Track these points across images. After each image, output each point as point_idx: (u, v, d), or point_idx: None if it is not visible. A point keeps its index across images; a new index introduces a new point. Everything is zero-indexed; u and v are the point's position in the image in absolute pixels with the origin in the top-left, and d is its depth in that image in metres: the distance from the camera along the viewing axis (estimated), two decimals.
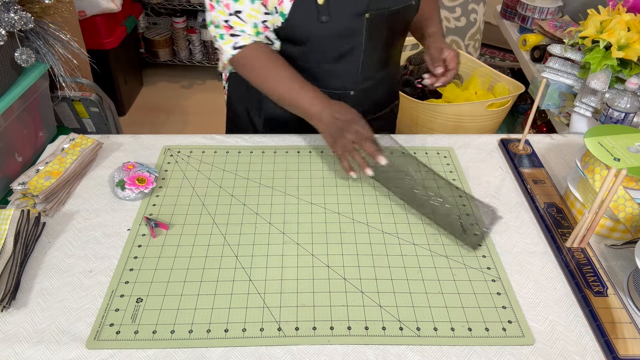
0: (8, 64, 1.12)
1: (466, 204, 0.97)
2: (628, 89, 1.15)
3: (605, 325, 0.75)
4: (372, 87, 1.16)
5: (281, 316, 0.76)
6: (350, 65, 1.09)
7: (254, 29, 1.03)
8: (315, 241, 0.89)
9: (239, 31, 1.02)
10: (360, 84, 1.13)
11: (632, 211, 0.86)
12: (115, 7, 2.44)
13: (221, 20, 1.02)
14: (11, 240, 0.81)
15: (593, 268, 0.84)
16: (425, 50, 1.14)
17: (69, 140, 1.06)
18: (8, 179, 1.10)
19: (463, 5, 1.89)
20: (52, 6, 1.19)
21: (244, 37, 1.03)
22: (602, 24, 1.30)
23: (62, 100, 1.67)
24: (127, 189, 0.96)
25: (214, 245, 0.88)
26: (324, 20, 1.00)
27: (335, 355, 0.72)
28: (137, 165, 1.00)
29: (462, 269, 0.84)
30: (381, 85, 1.19)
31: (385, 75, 1.18)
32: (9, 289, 0.77)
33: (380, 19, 1.04)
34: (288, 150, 1.10)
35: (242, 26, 1.02)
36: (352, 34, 1.04)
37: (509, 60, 2.95)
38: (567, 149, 1.15)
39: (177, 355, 0.72)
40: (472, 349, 0.73)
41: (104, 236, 0.90)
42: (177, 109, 2.92)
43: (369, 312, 0.77)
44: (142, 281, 0.82)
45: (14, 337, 0.73)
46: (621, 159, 0.86)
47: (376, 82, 1.16)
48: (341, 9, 1.00)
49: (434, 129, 1.64)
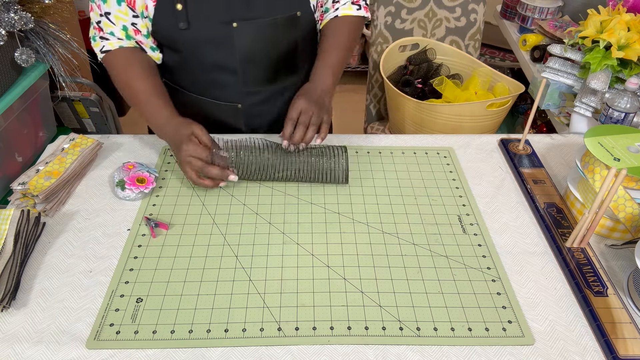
0: (8, 64, 1.12)
1: (466, 203, 0.97)
2: (628, 89, 1.15)
3: (605, 325, 0.75)
4: (261, 101, 1.13)
5: (281, 316, 0.76)
6: (229, 76, 1.07)
7: (122, 31, 1.02)
8: (315, 241, 0.89)
9: (108, 34, 1.02)
10: (246, 97, 1.11)
11: (632, 211, 0.86)
12: None
13: (95, 22, 1.02)
14: (11, 240, 0.81)
15: (593, 268, 0.84)
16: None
17: (69, 140, 1.06)
18: (8, 179, 1.10)
19: (463, 5, 1.89)
20: (52, 6, 1.19)
21: (112, 41, 1.03)
22: (602, 24, 1.30)
23: (62, 100, 1.67)
24: (127, 189, 0.95)
25: (214, 245, 0.88)
26: (182, 27, 0.98)
27: (335, 355, 0.72)
28: (137, 165, 1.00)
29: (462, 269, 0.84)
30: (275, 100, 1.14)
31: (280, 90, 1.13)
32: (9, 289, 0.77)
33: (253, 29, 1.00)
34: None
35: (111, 28, 1.01)
36: (220, 43, 1.01)
37: (509, 60, 2.95)
38: (567, 149, 1.15)
39: (177, 355, 0.72)
40: (472, 349, 0.73)
41: (104, 236, 0.90)
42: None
43: (369, 312, 0.77)
44: (142, 281, 0.81)
45: (14, 337, 0.73)
46: (621, 159, 0.86)
47: (267, 96, 1.12)
48: (201, 16, 0.98)
49: (434, 129, 1.64)
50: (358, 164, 1.07)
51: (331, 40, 1.09)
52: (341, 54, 1.08)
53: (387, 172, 1.05)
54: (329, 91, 1.05)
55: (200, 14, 0.98)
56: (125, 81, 1.03)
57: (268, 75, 1.09)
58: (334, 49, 1.08)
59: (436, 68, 1.82)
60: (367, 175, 1.04)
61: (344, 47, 1.09)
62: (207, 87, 1.10)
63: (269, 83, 1.11)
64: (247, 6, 0.98)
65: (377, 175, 1.04)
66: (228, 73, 1.06)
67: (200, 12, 0.97)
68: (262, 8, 0.99)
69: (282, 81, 1.12)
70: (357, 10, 1.12)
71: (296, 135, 0.97)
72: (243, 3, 0.98)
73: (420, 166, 1.07)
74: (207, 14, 0.98)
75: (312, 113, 0.98)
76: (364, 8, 1.14)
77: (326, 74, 1.05)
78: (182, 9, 0.96)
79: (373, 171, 1.05)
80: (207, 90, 1.11)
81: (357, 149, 1.12)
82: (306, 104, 0.98)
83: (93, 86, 1.75)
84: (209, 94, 1.11)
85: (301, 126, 0.97)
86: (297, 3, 1.02)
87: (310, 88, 1.03)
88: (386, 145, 1.13)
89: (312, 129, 0.98)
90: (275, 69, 1.09)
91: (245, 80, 1.08)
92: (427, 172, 1.05)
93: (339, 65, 1.08)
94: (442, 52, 1.85)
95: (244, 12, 0.99)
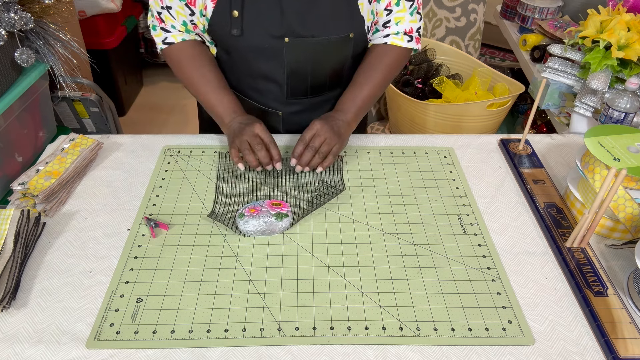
0: (8, 64, 1.12)
1: (466, 203, 0.97)
2: (628, 89, 1.15)
3: (605, 325, 0.75)
4: (302, 110, 1.14)
5: (281, 316, 0.76)
6: (274, 86, 1.08)
7: (183, 26, 1.04)
8: (315, 241, 0.89)
9: (170, 27, 1.04)
10: (287, 106, 1.12)
11: (632, 211, 0.86)
12: (115, 7, 2.44)
13: (155, 11, 1.03)
14: (11, 240, 0.81)
15: (593, 268, 0.84)
16: None
17: (69, 140, 1.06)
18: (8, 179, 1.10)
19: (463, 5, 1.89)
20: (52, 6, 1.19)
21: (174, 34, 1.04)
22: (602, 24, 1.30)
23: (62, 100, 1.67)
24: (286, 211, 0.90)
25: (214, 245, 0.88)
26: (235, 34, 0.98)
27: (335, 355, 0.72)
28: (255, 205, 0.91)
29: (462, 269, 0.84)
30: (315, 110, 1.15)
31: (321, 102, 1.14)
32: (9, 289, 0.77)
33: (305, 46, 1.01)
34: (288, 150, 1.10)
35: (172, 22, 1.03)
36: (270, 54, 1.02)
37: (509, 60, 2.95)
38: (567, 149, 1.15)
39: (177, 355, 0.72)
40: (472, 349, 0.73)
41: (104, 236, 0.90)
42: (177, 109, 2.92)
43: (369, 312, 0.77)
44: (142, 281, 0.82)
45: (14, 337, 0.73)
46: (621, 159, 0.86)
47: (308, 106, 1.13)
48: (255, 27, 0.98)
49: (434, 129, 1.64)
50: (358, 164, 1.07)
51: (368, 73, 1.07)
52: (372, 91, 1.07)
53: (387, 172, 1.05)
54: (350, 124, 1.04)
55: (254, 24, 0.98)
56: (190, 75, 1.05)
57: (312, 88, 1.10)
58: (366, 84, 1.06)
59: (436, 68, 1.82)
60: (367, 175, 1.04)
61: (378, 84, 1.07)
62: (250, 90, 1.12)
63: (312, 95, 1.12)
64: (301, 23, 0.98)
65: (377, 175, 1.04)
66: (273, 83, 1.08)
67: (254, 22, 0.98)
68: (316, 27, 0.99)
69: (325, 94, 1.13)
70: (408, 42, 1.08)
71: (303, 157, 0.98)
72: (298, 20, 0.98)
73: (420, 166, 1.07)
74: (261, 25, 0.98)
75: (325, 140, 0.98)
76: (415, 40, 1.09)
77: (351, 108, 1.05)
78: (238, 16, 0.97)
79: (373, 171, 1.05)
80: (250, 93, 1.12)
81: (357, 149, 1.12)
82: (321, 129, 0.98)
83: (93, 86, 1.75)
84: (251, 96, 1.13)
85: (310, 149, 0.98)
86: (351, 24, 1.01)
87: (331, 116, 1.03)
88: (386, 145, 1.13)
89: (318, 157, 0.98)
90: (321, 83, 1.10)
91: (289, 92, 1.09)
92: (427, 172, 1.05)
93: (367, 101, 1.07)
94: (442, 52, 1.85)
95: (298, 29, 0.99)
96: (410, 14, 1.06)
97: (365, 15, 1.02)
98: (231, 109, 1.03)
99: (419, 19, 1.08)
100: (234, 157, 0.98)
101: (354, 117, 1.05)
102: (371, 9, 1.03)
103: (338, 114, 1.04)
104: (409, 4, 1.05)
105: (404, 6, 1.05)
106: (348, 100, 1.06)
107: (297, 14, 0.97)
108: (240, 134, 0.97)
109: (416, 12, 1.07)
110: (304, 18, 0.98)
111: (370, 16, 1.03)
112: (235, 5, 0.96)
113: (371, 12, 1.03)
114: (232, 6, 0.97)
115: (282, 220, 0.89)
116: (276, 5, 0.97)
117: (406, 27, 1.07)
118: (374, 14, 1.04)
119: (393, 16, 1.06)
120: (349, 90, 1.07)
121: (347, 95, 1.07)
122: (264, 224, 0.88)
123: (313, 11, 0.98)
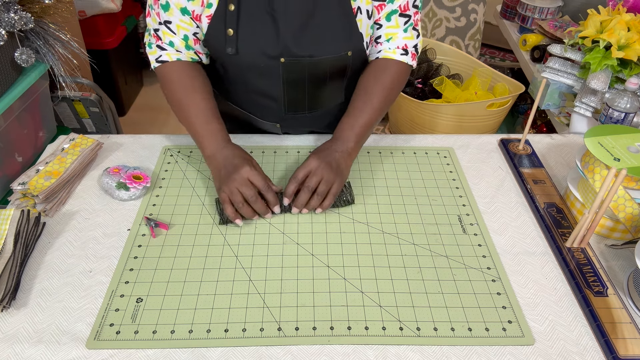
0: (8, 64, 1.12)
1: (466, 203, 0.97)
2: (628, 89, 1.15)
3: (605, 325, 0.75)
4: (301, 123, 1.14)
5: (281, 316, 0.76)
6: (270, 101, 1.07)
7: (183, 41, 0.98)
8: (315, 241, 0.89)
9: (167, 44, 0.99)
10: (285, 120, 1.11)
11: (632, 211, 0.86)
12: (115, 7, 2.44)
13: (152, 29, 0.99)
14: (11, 240, 0.81)
15: (593, 268, 0.84)
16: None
17: (69, 140, 1.06)
18: (8, 179, 1.10)
19: (463, 5, 1.89)
20: (52, 6, 1.19)
21: (169, 52, 0.99)
22: (602, 24, 1.30)
23: (62, 100, 1.67)
24: (131, 187, 0.95)
25: (214, 245, 0.88)
26: (229, 52, 0.95)
27: (335, 355, 0.72)
28: (121, 167, 1.00)
29: (462, 269, 0.84)
30: (314, 121, 1.14)
31: (320, 115, 1.13)
32: (9, 289, 0.77)
33: (302, 66, 0.98)
34: (288, 150, 1.10)
35: (170, 37, 0.98)
36: (266, 73, 0.99)
37: (509, 60, 2.95)
38: (567, 149, 1.15)
39: (177, 355, 0.72)
40: (472, 349, 0.73)
41: (104, 236, 0.90)
42: None
43: (369, 312, 0.77)
44: (142, 281, 0.82)
45: (14, 337, 0.73)
46: (621, 159, 0.86)
47: (307, 119, 1.12)
48: (250, 46, 0.95)
49: (434, 129, 1.64)
50: (358, 163, 1.07)
51: (366, 97, 1.00)
52: (372, 117, 0.99)
53: (387, 172, 1.05)
54: (351, 154, 0.97)
55: (249, 43, 0.95)
56: (180, 98, 0.99)
57: (311, 103, 1.08)
58: (364, 110, 0.99)
59: (436, 68, 1.82)
60: (367, 175, 1.04)
61: (378, 108, 1.00)
62: (247, 104, 1.11)
63: (310, 109, 1.10)
64: (298, 44, 0.95)
65: (377, 175, 1.04)
66: (270, 99, 1.06)
67: (250, 42, 0.95)
68: (313, 47, 0.96)
69: (324, 107, 1.11)
70: (402, 56, 1.01)
71: (298, 199, 0.91)
72: (294, 40, 0.95)
73: (420, 166, 1.07)
74: (257, 45, 0.95)
75: (321, 179, 0.91)
76: (411, 55, 1.02)
77: (350, 136, 0.98)
78: (233, 35, 0.94)
79: (373, 171, 1.05)
80: (247, 106, 1.12)
81: None
82: (317, 166, 0.91)
83: (93, 86, 1.76)
84: (248, 109, 1.12)
85: (306, 190, 0.91)
86: (349, 43, 0.97)
87: (329, 148, 0.96)
88: (386, 145, 1.13)
89: (316, 198, 0.91)
90: (319, 99, 1.08)
91: (286, 107, 1.07)
92: (427, 172, 1.05)
93: (367, 127, 0.99)
94: (442, 52, 1.85)
95: (294, 49, 0.95)
96: (404, 31, 1.00)
97: (364, 31, 0.98)
98: (215, 140, 0.96)
99: (415, 35, 1.02)
100: (228, 211, 0.89)
101: (354, 146, 0.98)
102: (370, 24, 0.99)
103: (337, 145, 0.97)
104: (404, 20, 0.99)
105: (396, 22, 0.99)
106: (347, 128, 0.99)
107: (293, 34, 0.94)
108: (229, 181, 0.89)
109: (412, 29, 1.01)
110: (300, 38, 0.95)
111: (369, 31, 0.99)
112: (230, 23, 0.93)
113: (370, 27, 0.99)
114: (227, 24, 0.93)
115: (120, 190, 0.96)
116: (271, 25, 0.94)
117: (399, 44, 1.01)
118: (373, 28, 1.01)
119: (383, 32, 1.01)
120: (347, 116, 1.01)
121: (345, 122, 1.00)
122: (106, 184, 0.97)
123: (309, 31, 0.95)
